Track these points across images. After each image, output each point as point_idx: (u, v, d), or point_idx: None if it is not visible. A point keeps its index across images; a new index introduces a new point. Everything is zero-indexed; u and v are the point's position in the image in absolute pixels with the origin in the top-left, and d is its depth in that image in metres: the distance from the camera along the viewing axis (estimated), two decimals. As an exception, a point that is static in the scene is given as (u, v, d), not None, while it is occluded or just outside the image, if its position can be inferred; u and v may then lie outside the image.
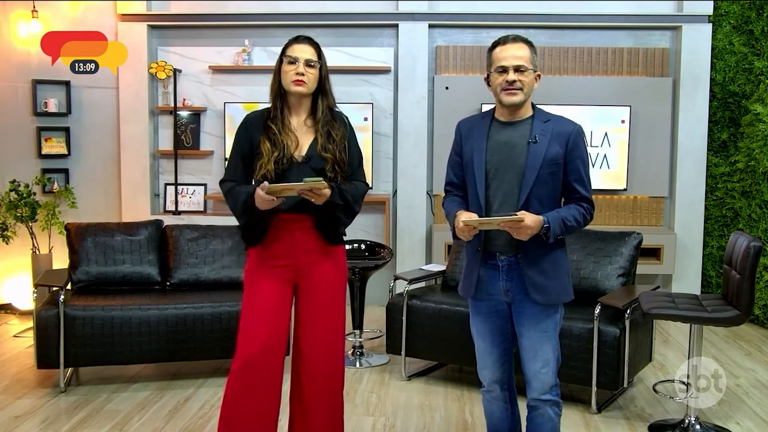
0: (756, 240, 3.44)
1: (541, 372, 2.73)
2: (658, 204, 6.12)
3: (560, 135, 2.65)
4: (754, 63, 5.99)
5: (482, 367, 2.87)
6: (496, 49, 2.67)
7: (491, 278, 2.74)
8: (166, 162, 6.27)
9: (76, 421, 3.76)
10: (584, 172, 2.69)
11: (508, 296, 2.73)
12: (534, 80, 2.67)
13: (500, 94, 2.65)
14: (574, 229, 2.67)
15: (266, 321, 2.84)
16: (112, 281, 4.51)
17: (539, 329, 2.71)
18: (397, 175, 6.19)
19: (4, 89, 6.09)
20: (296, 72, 2.79)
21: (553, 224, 2.59)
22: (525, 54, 2.64)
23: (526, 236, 2.56)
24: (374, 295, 5.76)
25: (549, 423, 2.77)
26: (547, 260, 2.67)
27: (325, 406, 2.96)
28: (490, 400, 2.91)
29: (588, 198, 2.70)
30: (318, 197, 2.71)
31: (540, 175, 2.62)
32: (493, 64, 2.67)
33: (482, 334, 2.82)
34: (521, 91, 2.63)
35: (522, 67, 2.62)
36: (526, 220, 2.53)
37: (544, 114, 2.73)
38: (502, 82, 2.63)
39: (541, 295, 2.67)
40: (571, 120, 2.73)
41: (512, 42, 2.65)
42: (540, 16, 6.04)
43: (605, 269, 4.26)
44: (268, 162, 2.76)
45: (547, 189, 2.66)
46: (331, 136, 2.87)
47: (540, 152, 2.62)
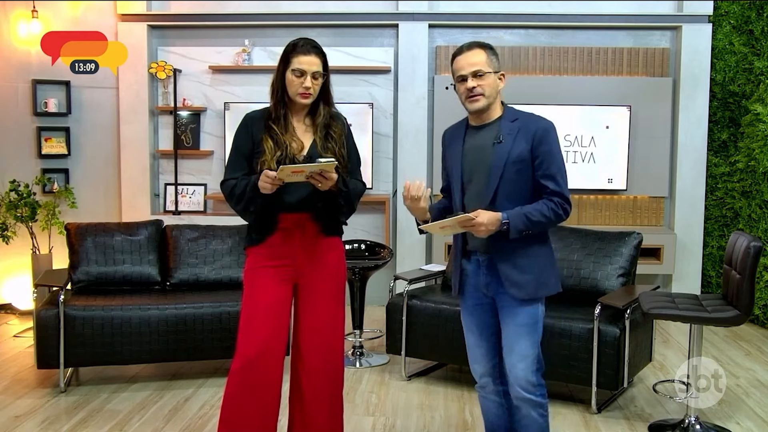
0: (756, 240, 3.44)
1: (516, 366, 2.75)
2: (658, 204, 6.12)
3: (527, 132, 2.69)
4: (754, 63, 5.99)
5: (473, 361, 2.94)
6: (455, 60, 2.73)
7: (474, 274, 2.82)
8: (166, 162, 6.27)
9: (76, 421, 3.77)
10: (554, 168, 2.69)
11: (489, 291, 2.79)
12: (497, 81, 2.72)
13: (465, 102, 2.73)
14: (542, 224, 2.67)
15: (266, 321, 2.85)
16: (112, 281, 4.51)
17: (515, 323, 2.74)
18: (397, 175, 6.19)
19: (4, 89, 6.09)
20: (304, 86, 2.79)
21: (513, 220, 2.61)
22: (481, 59, 2.69)
23: (484, 234, 2.61)
24: (374, 295, 5.76)
25: (534, 424, 2.79)
26: (522, 255, 2.71)
27: (325, 406, 2.96)
28: (485, 396, 2.96)
29: (559, 192, 2.69)
30: (325, 181, 2.71)
31: (505, 174, 2.67)
32: (454, 74, 2.75)
33: (470, 328, 2.90)
34: (483, 96, 2.69)
35: (479, 71, 2.67)
36: (480, 218, 2.58)
37: (513, 113, 2.77)
38: (465, 91, 2.70)
39: (517, 289, 2.71)
40: (541, 117, 2.76)
41: (467, 50, 2.71)
42: (540, 16, 6.04)
43: (605, 269, 4.26)
44: (271, 159, 2.76)
45: (515, 187, 2.69)
46: (330, 134, 2.89)
47: (504, 152, 2.68)
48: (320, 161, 2.66)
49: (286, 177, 2.68)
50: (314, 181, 2.71)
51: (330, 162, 2.67)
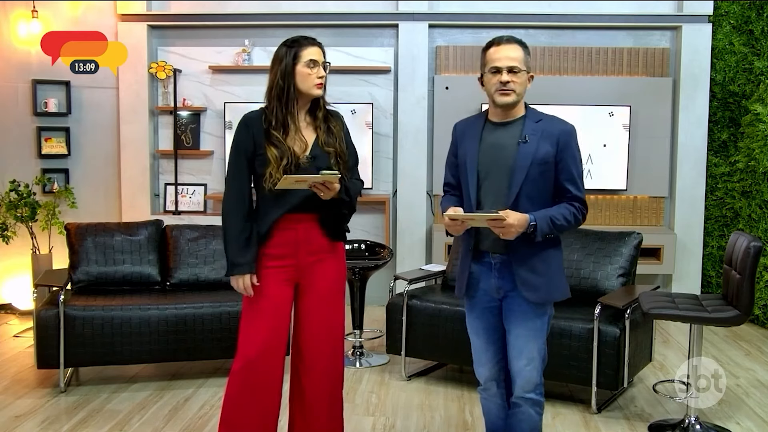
0: (756, 240, 3.44)
1: (525, 369, 2.75)
2: (658, 204, 6.12)
3: (551, 134, 2.67)
4: (754, 63, 5.99)
5: (479, 365, 2.90)
6: (490, 50, 2.70)
7: (483, 275, 2.76)
8: (166, 162, 6.27)
9: (76, 421, 3.77)
10: (576, 172, 2.69)
11: (500, 293, 2.75)
12: (527, 81, 2.70)
13: (494, 94, 2.68)
14: (564, 228, 2.67)
15: (267, 321, 2.85)
16: (112, 281, 4.51)
17: (528, 327, 2.73)
18: (397, 175, 6.19)
19: (4, 89, 6.09)
20: (318, 76, 2.80)
21: (540, 223, 2.60)
22: (518, 55, 2.67)
23: (512, 235, 2.57)
24: (374, 295, 5.76)
25: (529, 421, 2.80)
26: (538, 258, 2.68)
27: (325, 406, 2.96)
28: (488, 398, 2.94)
29: (580, 197, 2.70)
30: (328, 191, 2.71)
31: (529, 175, 2.63)
32: (486, 65, 2.70)
33: (477, 331, 2.85)
34: (514, 92, 2.66)
35: (515, 68, 2.65)
36: (510, 219, 2.54)
37: (536, 114, 2.75)
38: (496, 83, 2.66)
39: (532, 292, 2.68)
40: (563, 120, 2.74)
41: (506, 43, 2.68)
42: (540, 16, 6.04)
43: (605, 269, 4.26)
44: (276, 171, 2.75)
45: (538, 188, 2.66)
46: (330, 130, 2.89)
47: (530, 152, 2.64)
48: (324, 173, 2.65)
49: (288, 185, 2.68)
50: (317, 190, 2.71)
51: (334, 174, 2.66)
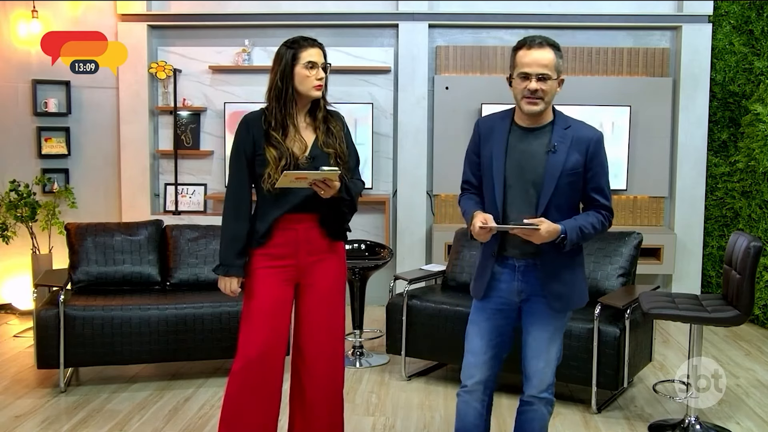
0: (756, 240, 3.44)
1: (543, 371, 2.74)
2: (658, 204, 6.12)
3: (580, 142, 2.61)
4: (754, 63, 5.99)
5: (471, 366, 2.80)
6: (520, 52, 2.59)
7: (505, 277, 2.71)
8: (166, 162, 6.27)
9: (76, 421, 3.77)
10: (604, 181, 2.68)
11: (521, 296, 2.71)
12: (557, 86, 2.61)
13: (521, 101, 2.60)
14: (590, 237, 2.66)
15: (267, 322, 2.85)
16: (112, 281, 4.51)
17: (548, 330, 2.72)
18: (397, 175, 6.19)
19: (4, 89, 6.09)
20: (317, 78, 2.80)
21: (570, 233, 2.57)
22: (549, 61, 2.56)
23: (539, 241, 2.55)
24: (374, 295, 5.76)
25: (541, 420, 2.79)
26: (566, 269, 2.68)
27: (325, 406, 2.96)
28: (468, 402, 2.81)
29: (608, 206, 2.69)
30: (328, 189, 2.71)
31: (559, 186, 2.59)
32: (516, 68, 2.60)
33: (481, 332, 2.79)
34: (542, 101, 2.57)
35: (546, 75, 2.55)
36: (542, 229, 2.51)
37: (564, 119, 2.68)
38: (524, 90, 2.56)
39: (557, 301, 2.67)
40: (591, 126, 2.69)
41: (538, 47, 2.56)
42: (540, 16, 6.03)
43: (605, 269, 4.26)
44: (275, 172, 2.75)
45: (566, 198, 2.63)
46: (330, 130, 2.88)
47: (559, 162, 2.59)
48: (324, 169, 2.64)
49: (288, 183, 2.67)
50: (317, 188, 2.70)
51: (333, 171, 2.65)
